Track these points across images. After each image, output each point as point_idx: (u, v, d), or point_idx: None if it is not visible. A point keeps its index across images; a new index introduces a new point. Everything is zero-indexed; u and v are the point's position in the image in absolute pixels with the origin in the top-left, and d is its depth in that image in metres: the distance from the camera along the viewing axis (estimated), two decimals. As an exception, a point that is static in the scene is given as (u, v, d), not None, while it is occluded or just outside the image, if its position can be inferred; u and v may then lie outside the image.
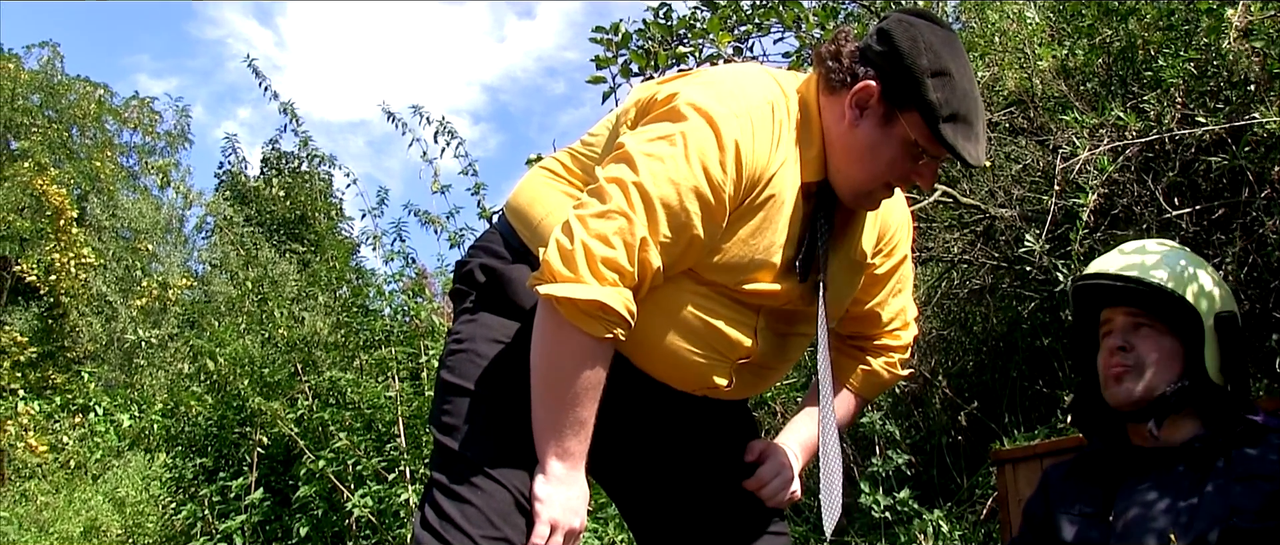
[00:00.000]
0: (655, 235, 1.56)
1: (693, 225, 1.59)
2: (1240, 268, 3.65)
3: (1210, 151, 3.70)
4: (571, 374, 1.60)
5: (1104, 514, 1.93)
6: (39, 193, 15.19)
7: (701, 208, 1.58)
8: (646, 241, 1.56)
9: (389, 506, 4.99)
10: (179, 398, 6.20)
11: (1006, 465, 3.33)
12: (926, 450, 5.15)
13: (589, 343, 1.58)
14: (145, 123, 21.85)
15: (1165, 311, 1.94)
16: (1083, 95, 4.12)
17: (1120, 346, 1.96)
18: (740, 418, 1.96)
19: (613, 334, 1.58)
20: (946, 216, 4.99)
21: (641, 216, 1.55)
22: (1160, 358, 1.94)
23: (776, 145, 1.65)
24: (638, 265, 1.56)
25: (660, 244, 1.57)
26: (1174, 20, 3.90)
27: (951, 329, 5.55)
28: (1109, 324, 2.01)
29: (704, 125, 1.59)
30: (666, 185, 1.56)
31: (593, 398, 1.62)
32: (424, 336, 5.46)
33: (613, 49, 4.68)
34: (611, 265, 1.54)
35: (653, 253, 1.57)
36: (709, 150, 1.58)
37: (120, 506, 8.07)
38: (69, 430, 10.81)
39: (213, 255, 16.55)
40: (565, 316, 1.56)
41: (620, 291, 1.56)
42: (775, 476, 1.87)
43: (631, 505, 1.96)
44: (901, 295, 1.98)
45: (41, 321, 14.74)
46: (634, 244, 1.55)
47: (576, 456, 1.65)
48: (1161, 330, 1.95)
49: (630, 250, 1.55)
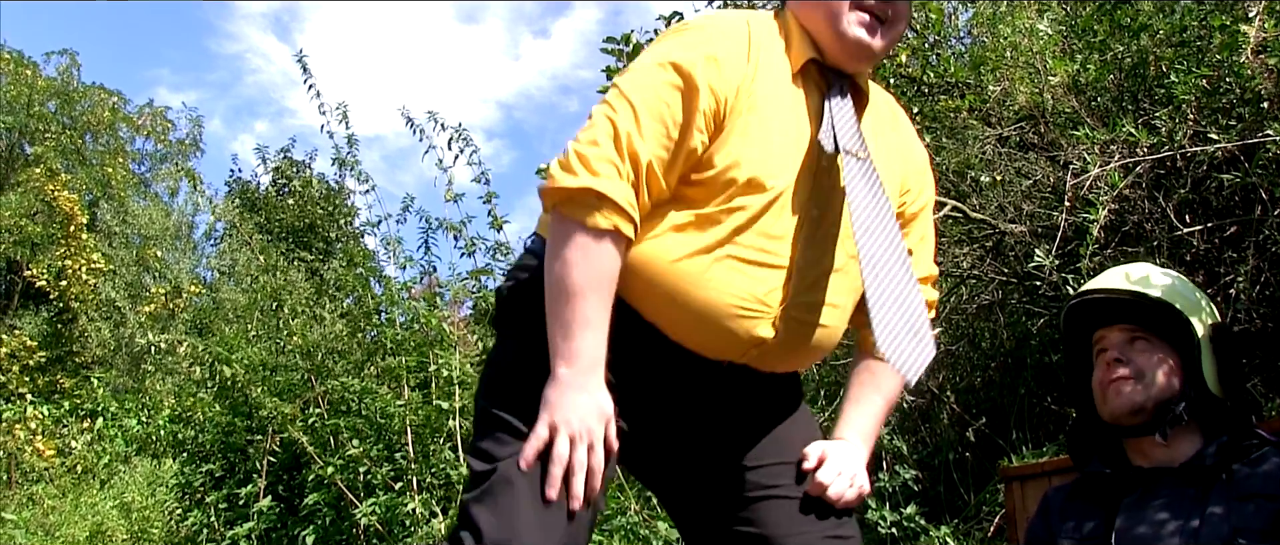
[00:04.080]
0: (640, 128, 1.62)
1: (676, 114, 1.64)
2: (1253, 286, 3.63)
3: (1222, 168, 3.69)
4: (573, 269, 1.60)
5: (1105, 536, 1.91)
6: (50, 198, 15.26)
7: (683, 98, 1.64)
8: (631, 134, 1.62)
9: (396, 516, 4.98)
10: (187, 404, 6.21)
11: (1014, 482, 3.31)
12: (934, 466, 5.13)
13: (589, 236, 1.60)
14: (158, 130, 21.97)
15: (1160, 325, 1.93)
16: (1094, 111, 4.12)
17: (1117, 360, 1.95)
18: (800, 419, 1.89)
19: (613, 225, 1.60)
20: (956, 231, 4.98)
21: (625, 113, 1.63)
22: (1159, 369, 1.93)
23: (752, 45, 1.72)
24: (628, 157, 1.61)
25: (647, 136, 1.63)
26: (1187, 36, 3.90)
27: (960, 344, 5.53)
28: (1103, 341, 2.00)
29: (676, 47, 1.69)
30: (644, 85, 1.66)
31: (599, 295, 1.61)
32: (435, 345, 5.45)
33: (623, 59, 4.70)
34: (602, 159, 1.60)
35: (640, 145, 1.62)
36: (685, 56, 1.67)
37: (127, 512, 8.08)
38: (77, 435, 10.83)
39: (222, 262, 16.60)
40: (565, 214, 1.61)
41: (616, 182, 1.60)
42: (836, 477, 1.79)
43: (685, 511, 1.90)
44: (926, 245, 1.94)
45: (51, 326, 14.78)
46: (620, 137, 1.61)
47: (587, 358, 1.60)
48: (1158, 344, 1.94)
49: (618, 143, 1.61)
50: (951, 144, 4.85)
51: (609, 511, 4.74)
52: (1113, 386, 1.94)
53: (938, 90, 4.75)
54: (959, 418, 5.20)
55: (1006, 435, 4.83)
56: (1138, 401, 1.92)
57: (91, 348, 14.40)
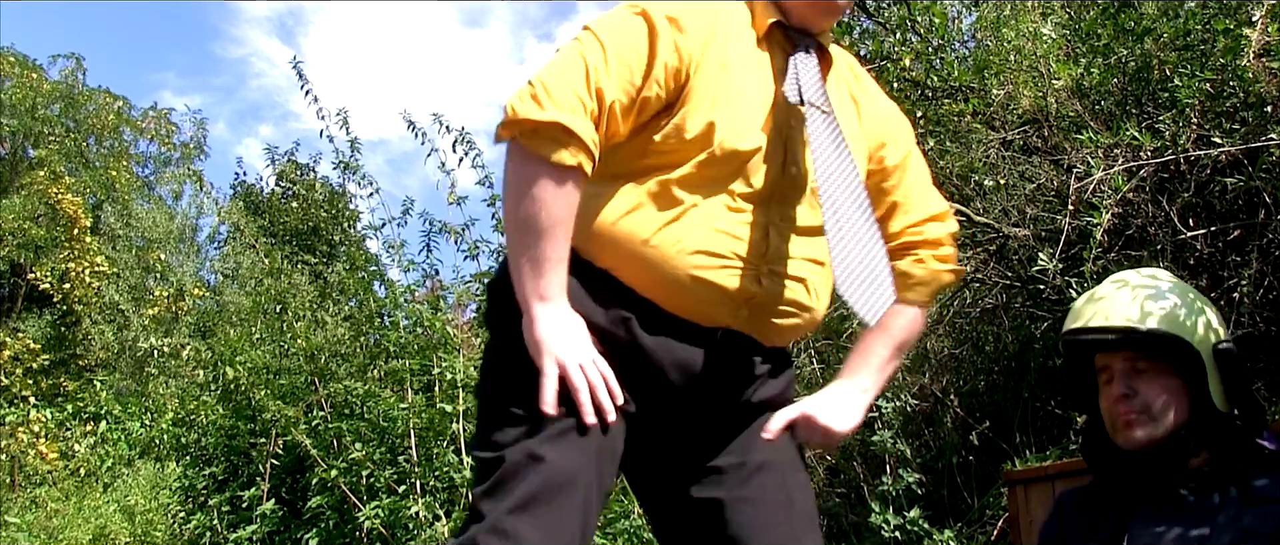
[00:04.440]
0: (606, 66, 1.62)
1: (640, 62, 1.64)
2: (1256, 289, 3.63)
3: (1226, 172, 3.69)
4: (543, 208, 1.60)
5: (1118, 541, 1.92)
6: (54, 201, 15.28)
7: (649, 47, 1.65)
8: (599, 70, 1.62)
9: (400, 519, 4.99)
10: (191, 407, 6.22)
11: (1018, 486, 3.32)
12: (937, 469, 5.12)
13: (555, 172, 1.59)
14: (162, 134, 21.98)
15: (1163, 352, 1.91)
16: (1097, 114, 4.12)
17: (1125, 393, 1.93)
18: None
19: (577, 162, 1.60)
20: (960, 235, 4.98)
21: (595, 49, 1.63)
22: (1167, 398, 1.91)
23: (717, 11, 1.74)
24: (594, 93, 1.61)
25: (613, 75, 1.63)
26: (1190, 40, 3.90)
27: (963, 348, 5.53)
28: (1107, 370, 1.98)
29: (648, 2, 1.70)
30: (614, 28, 1.66)
31: (565, 230, 1.62)
32: (438, 349, 5.46)
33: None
34: (567, 91, 1.59)
35: (606, 82, 1.62)
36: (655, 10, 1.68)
37: (130, 515, 8.09)
38: (80, 438, 10.84)
39: (225, 265, 16.60)
40: (528, 148, 1.59)
41: (580, 118, 1.59)
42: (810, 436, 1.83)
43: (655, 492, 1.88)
44: (920, 186, 1.94)
45: (54, 329, 14.79)
46: (587, 72, 1.61)
47: (556, 293, 1.64)
48: (1162, 370, 1.92)
49: (585, 77, 1.61)
50: (955, 148, 4.85)
51: (612, 514, 4.74)
52: (1123, 422, 1.93)
53: (941, 94, 4.75)
54: (962, 421, 5.20)
55: (1010, 439, 4.82)
56: (1151, 437, 1.91)
57: (95, 351, 14.41)
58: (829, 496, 5.58)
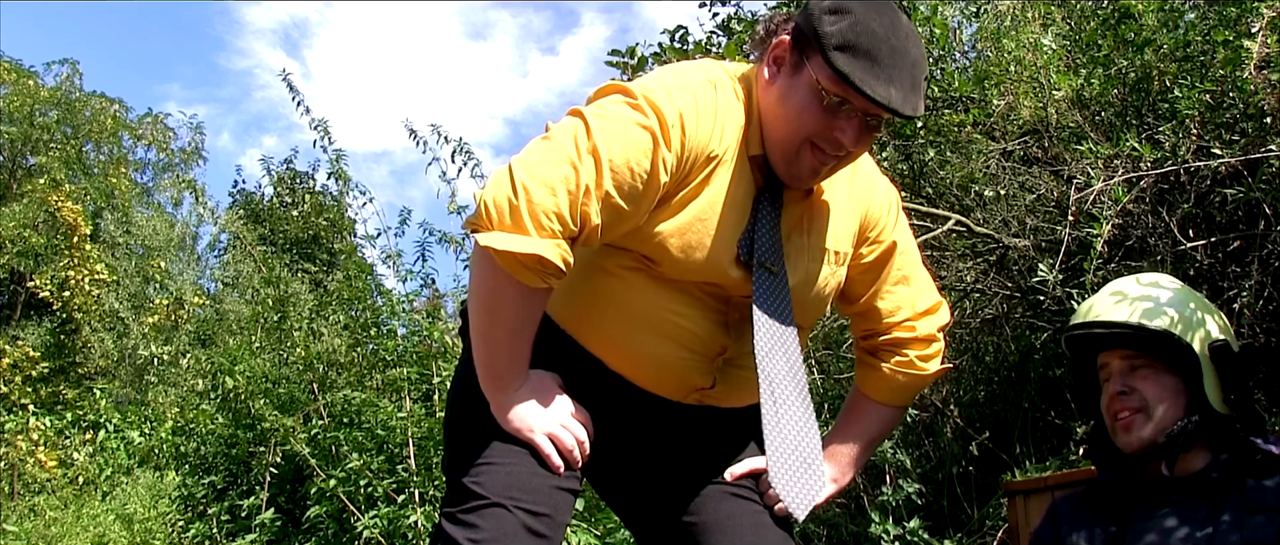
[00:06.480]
0: (599, 189, 1.56)
1: (636, 185, 1.59)
2: (1256, 300, 3.63)
3: (1226, 183, 3.69)
4: (508, 317, 1.62)
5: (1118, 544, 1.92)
6: (53, 209, 15.26)
7: (649, 168, 1.59)
8: (590, 193, 1.55)
9: (398, 528, 4.98)
10: (190, 416, 6.21)
11: (1018, 497, 3.31)
12: (937, 480, 5.12)
13: (525, 291, 1.59)
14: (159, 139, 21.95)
15: (1160, 350, 1.93)
16: (1098, 125, 4.12)
17: (1121, 391, 1.96)
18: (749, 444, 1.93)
19: (547, 285, 1.59)
20: (959, 246, 4.98)
21: (589, 169, 1.56)
22: (1164, 397, 1.93)
23: (719, 118, 1.67)
24: (579, 219, 1.56)
25: (603, 199, 1.57)
26: (1190, 51, 3.90)
27: (963, 358, 5.52)
28: (1106, 368, 2.01)
29: (651, 103, 1.62)
30: (614, 141, 1.58)
31: (529, 333, 1.66)
32: (437, 357, 5.46)
33: (628, 72, 4.70)
34: (553, 216, 1.54)
35: (594, 208, 1.56)
36: (656, 119, 1.60)
37: (129, 524, 8.06)
38: (79, 446, 10.81)
39: (226, 273, 16.58)
40: (502, 266, 1.56)
41: (558, 244, 1.55)
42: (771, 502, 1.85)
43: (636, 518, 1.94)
44: (906, 285, 1.93)
45: (54, 337, 14.76)
46: (578, 194, 1.55)
47: (518, 377, 1.68)
48: (1160, 368, 1.94)
49: (573, 201, 1.55)
50: (955, 158, 4.85)
51: (611, 524, 4.74)
52: (1121, 421, 1.96)
53: (942, 104, 4.75)
54: (962, 432, 5.19)
55: (1010, 449, 4.82)
56: (1146, 437, 1.93)
57: (94, 359, 14.38)
58: (828, 507, 5.57)
